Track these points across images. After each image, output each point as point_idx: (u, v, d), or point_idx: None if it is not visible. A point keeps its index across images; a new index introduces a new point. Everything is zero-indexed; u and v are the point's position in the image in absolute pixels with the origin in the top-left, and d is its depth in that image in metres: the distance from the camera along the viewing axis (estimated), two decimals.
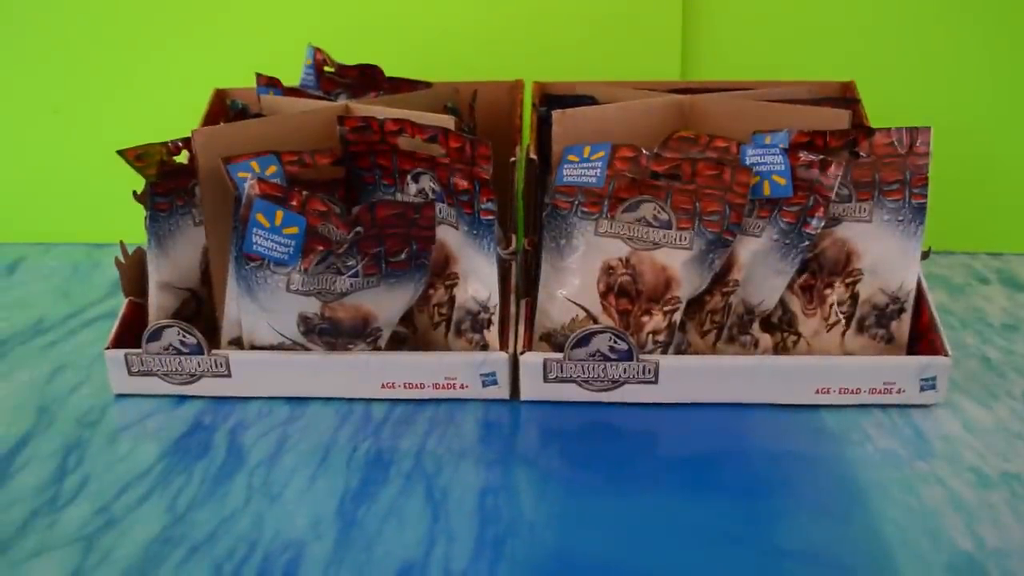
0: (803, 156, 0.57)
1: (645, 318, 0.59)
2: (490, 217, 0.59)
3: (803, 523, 0.50)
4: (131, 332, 0.64)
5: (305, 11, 0.81)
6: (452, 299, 0.63)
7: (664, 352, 0.59)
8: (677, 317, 0.59)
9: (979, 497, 0.52)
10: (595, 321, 0.59)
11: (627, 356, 0.59)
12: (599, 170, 0.57)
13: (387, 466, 0.55)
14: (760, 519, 0.50)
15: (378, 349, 0.61)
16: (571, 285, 0.60)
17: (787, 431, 0.57)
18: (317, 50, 0.72)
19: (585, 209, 0.59)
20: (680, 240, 0.58)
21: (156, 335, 0.61)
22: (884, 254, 0.61)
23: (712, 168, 0.56)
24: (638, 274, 0.59)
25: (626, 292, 0.59)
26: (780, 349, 0.63)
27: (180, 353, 0.61)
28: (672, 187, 0.57)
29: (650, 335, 0.59)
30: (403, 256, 0.59)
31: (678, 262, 0.58)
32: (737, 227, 0.57)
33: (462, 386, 0.61)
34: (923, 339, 0.62)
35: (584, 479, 0.54)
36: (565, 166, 0.58)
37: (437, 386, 0.61)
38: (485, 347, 0.62)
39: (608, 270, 0.59)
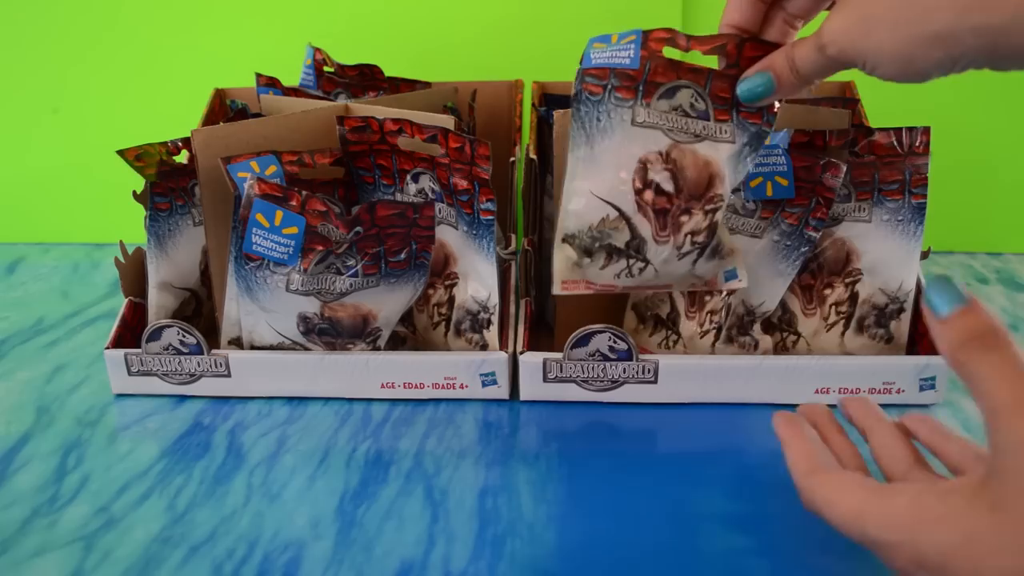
0: (805, 157, 0.57)
1: (684, 217, 0.54)
2: (490, 217, 0.59)
3: (804, 523, 0.50)
4: (131, 332, 0.64)
5: (305, 11, 0.81)
6: (452, 299, 0.63)
7: (700, 255, 0.54)
8: (719, 216, 0.54)
9: None
10: (628, 222, 0.53)
11: (627, 356, 0.59)
12: (632, 51, 0.51)
13: (387, 466, 0.55)
14: (761, 519, 0.50)
15: (378, 349, 0.61)
16: (602, 180, 0.53)
17: None
18: (317, 50, 0.72)
19: (619, 95, 0.52)
20: (721, 133, 0.52)
21: (156, 335, 0.61)
22: (884, 254, 0.61)
23: (758, 49, 0.50)
24: (679, 169, 0.52)
25: (664, 189, 0.53)
26: (779, 349, 0.63)
27: (180, 353, 0.62)
28: (711, 71, 0.51)
29: (688, 236, 0.54)
30: (403, 256, 0.59)
31: (723, 156, 0.52)
32: (774, 117, 0.52)
33: (462, 386, 0.61)
34: (923, 339, 0.62)
35: (584, 479, 0.54)
36: (592, 52, 0.52)
37: (437, 386, 0.61)
38: (485, 347, 0.62)
39: (645, 165, 0.53)
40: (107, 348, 0.62)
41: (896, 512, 0.39)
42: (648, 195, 0.53)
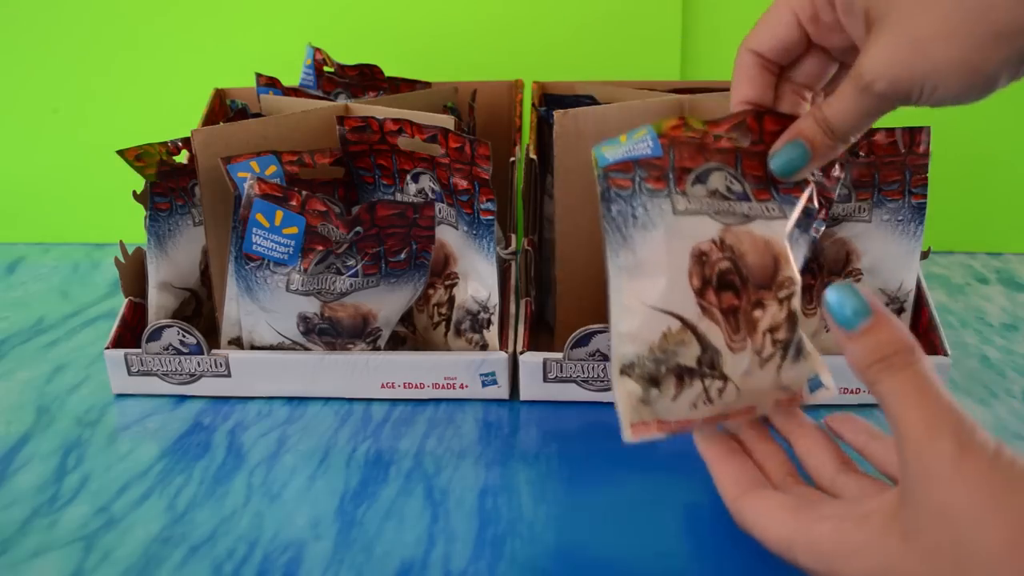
0: None
1: (757, 312, 0.46)
2: (490, 217, 0.59)
3: None
4: (131, 332, 0.64)
5: (305, 11, 0.81)
6: (452, 299, 0.63)
7: (784, 357, 0.46)
8: (796, 304, 0.46)
9: None
10: (694, 331, 0.45)
11: None
12: (650, 141, 0.45)
13: (387, 466, 0.55)
14: None
15: (378, 349, 0.61)
16: (653, 286, 0.45)
17: None
18: (317, 50, 0.72)
19: (650, 186, 0.45)
20: (769, 211, 0.46)
21: (156, 335, 0.61)
22: (884, 254, 0.61)
23: (779, 123, 0.46)
24: (738, 256, 0.45)
25: (729, 283, 0.45)
26: None
27: (180, 353, 0.62)
28: (739, 149, 0.46)
29: (767, 335, 0.46)
30: (403, 256, 0.59)
31: (781, 233, 0.46)
32: (812, 191, 0.47)
33: (462, 386, 0.61)
34: (923, 339, 0.62)
35: (584, 479, 0.54)
36: (605, 153, 0.46)
37: (437, 386, 0.61)
38: (485, 347, 0.62)
39: (700, 258, 0.45)
40: (107, 348, 0.62)
41: (820, 541, 0.39)
42: (711, 294, 0.45)
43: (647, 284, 0.45)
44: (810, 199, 0.47)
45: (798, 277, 0.47)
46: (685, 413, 0.46)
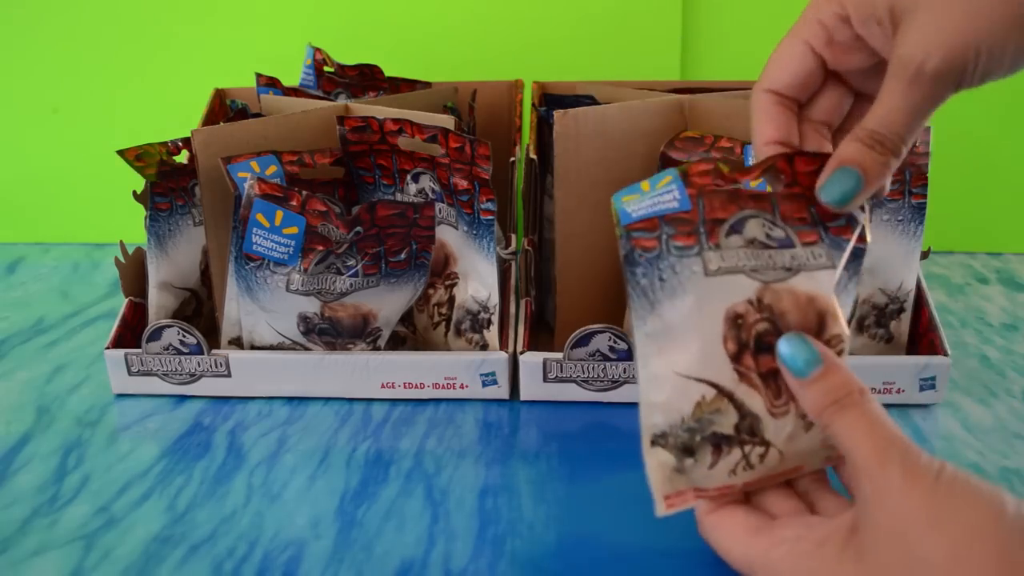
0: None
1: None
2: (490, 217, 0.59)
3: None
4: (131, 332, 0.64)
5: (305, 11, 0.81)
6: (452, 299, 0.63)
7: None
8: (844, 361, 0.43)
9: None
10: (730, 398, 0.43)
11: (627, 356, 0.59)
12: (677, 192, 0.42)
13: (387, 466, 0.55)
14: None
15: (378, 349, 0.61)
16: (685, 353, 0.43)
17: None
18: (317, 50, 0.72)
19: (679, 243, 0.42)
20: (815, 258, 0.43)
21: (156, 335, 0.61)
22: (884, 254, 0.61)
23: (812, 163, 0.43)
24: (778, 315, 0.42)
25: (768, 345, 0.42)
26: None
27: (180, 353, 0.62)
28: (776, 194, 0.43)
29: None
30: (403, 256, 0.59)
31: (826, 286, 0.43)
32: (862, 228, 0.44)
33: (462, 386, 0.61)
34: (923, 339, 0.62)
35: (584, 479, 0.54)
36: (627, 207, 0.43)
37: (437, 386, 0.61)
38: (485, 347, 0.62)
39: (735, 320, 0.42)
40: (107, 348, 0.62)
41: (777, 563, 0.41)
42: (748, 358, 0.42)
43: (677, 352, 0.42)
44: (861, 238, 0.44)
45: (847, 332, 0.43)
46: (724, 480, 0.43)
